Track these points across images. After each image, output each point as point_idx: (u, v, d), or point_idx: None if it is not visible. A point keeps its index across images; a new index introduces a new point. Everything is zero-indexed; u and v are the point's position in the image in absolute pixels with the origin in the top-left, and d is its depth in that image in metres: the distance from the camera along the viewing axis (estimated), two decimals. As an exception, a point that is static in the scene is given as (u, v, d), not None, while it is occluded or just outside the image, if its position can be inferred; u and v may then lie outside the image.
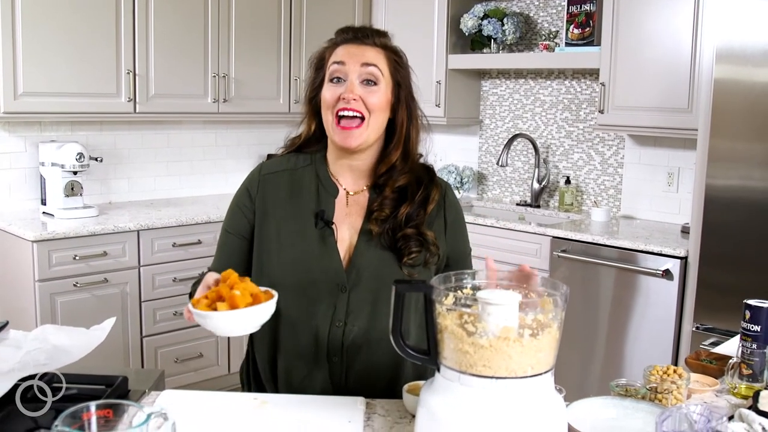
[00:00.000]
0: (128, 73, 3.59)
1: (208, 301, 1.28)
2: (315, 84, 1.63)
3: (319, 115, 1.61)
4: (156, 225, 3.47)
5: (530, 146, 4.26)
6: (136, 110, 3.66)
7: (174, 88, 3.78)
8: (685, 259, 3.09)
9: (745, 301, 1.58)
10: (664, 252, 3.14)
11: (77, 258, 3.22)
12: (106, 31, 3.50)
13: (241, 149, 4.50)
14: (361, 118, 1.54)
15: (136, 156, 4.05)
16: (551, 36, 4.08)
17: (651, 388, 1.45)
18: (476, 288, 1.17)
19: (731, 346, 1.75)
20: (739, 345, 1.58)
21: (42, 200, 3.59)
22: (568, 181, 4.11)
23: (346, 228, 1.60)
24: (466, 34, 4.21)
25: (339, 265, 1.57)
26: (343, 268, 1.57)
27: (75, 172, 3.51)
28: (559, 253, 3.44)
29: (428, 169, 1.68)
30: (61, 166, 3.47)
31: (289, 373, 1.60)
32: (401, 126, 1.61)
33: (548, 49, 3.97)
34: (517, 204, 4.28)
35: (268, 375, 1.64)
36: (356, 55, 1.56)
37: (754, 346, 1.55)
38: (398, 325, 1.16)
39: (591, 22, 3.75)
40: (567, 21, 3.86)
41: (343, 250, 1.59)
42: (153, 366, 3.50)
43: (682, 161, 3.70)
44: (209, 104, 3.94)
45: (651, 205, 3.85)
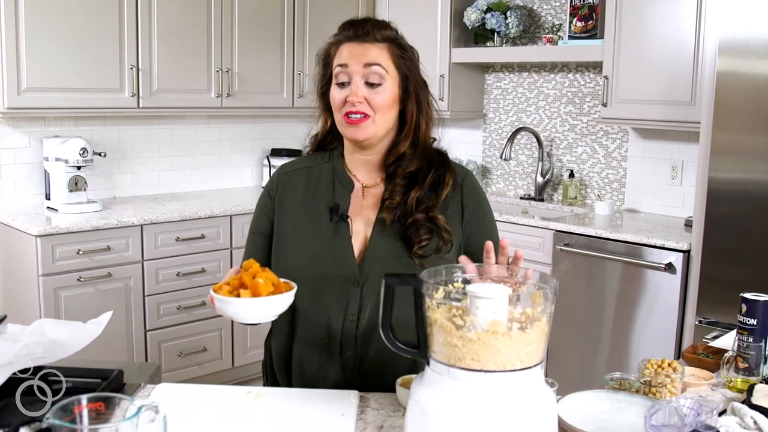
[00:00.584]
0: (132, 68, 3.60)
1: (230, 288, 1.31)
2: (325, 79, 1.63)
3: (332, 110, 1.62)
4: (159, 219, 3.48)
5: (534, 140, 4.25)
6: (140, 105, 3.67)
7: (177, 83, 3.79)
8: (687, 253, 3.08)
9: (741, 294, 1.58)
10: (666, 245, 3.13)
11: (81, 252, 3.24)
12: (110, 26, 3.51)
13: (245, 144, 4.51)
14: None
15: (140, 151, 4.06)
16: (554, 29, 4.07)
17: (645, 381, 1.45)
18: (467, 282, 1.17)
19: (728, 340, 1.75)
20: (736, 338, 1.57)
21: (46, 195, 3.61)
22: (571, 175, 4.10)
23: (362, 221, 1.61)
24: (470, 27, 4.19)
25: (352, 259, 1.57)
26: (355, 262, 1.57)
27: (79, 167, 3.53)
28: (561, 247, 3.43)
29: (441, 154, 1.67)
30: (65, 161, 3.48)
31: (302, 363, 1.61)
32: (411, 117, 1.61)
33: (551, 42, 3.96)
34: (521, 198, 4.28)
35: (281, 365, 1.64)
36: (358, 55, 1.55)
37: (751, 339, 1.55)
38: (388, 319, 1.16)
39: (594, 14, 3.74)
40: (570, 14, 3.84)
41: (358, 243, 1.59)
42: (156, 360, 3.51)
43: (686, 154, 3.69)
44: (213, 99, 3.95)
45: (655, 198, 3.84)
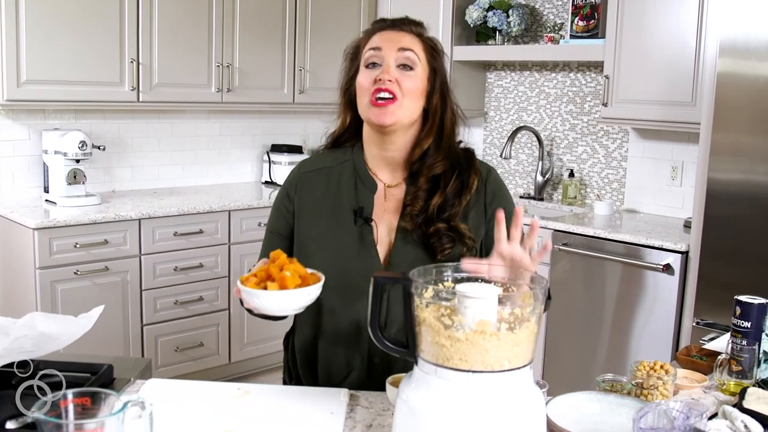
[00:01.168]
0: (132, 62, 3.59)
1: (257, 280, 1.30)
2: (350, 74, 1.60)
3: (354, 107, 1.58)
4: (157, 214, 3.47)
5: (534, 139, 4.24)
6: (140, 99, 3.67)
7: (178, 78, 3.78)
8: (686, 254, 3.07)
9: (735, 297, 1.57)
10: (665, 246, 3.12)
11: (78, 246, 3.24)
12: (110, 19, 3.51)
13: (245, 139, 4.50)
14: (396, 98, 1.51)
15: (140, 145, 4.05)
16: (556, 28, 4.05)
17: (637, 383, 1.44)
18: (457, 281, 1.17)
19: (722, 343, 1.74)
20: (729, 341, 1.57)
21: (45, 188, 3.60)
22: (571, 174, 4.09)
23: (385, 225, 1.57)
24: (471, 25, 4.18)
25: (378, 264, 1.54)
26: (381, 267, 1.53)
27: (78, 161, 3.52)
28: (560, 247, 3.42)
29: (468, 153, 1.64)
30: (64, 154, 3.48)
31: (329, 367, 1.58)
32: (434, 113, 1.58)
33: (553, 41, 3.94)
34: (521, 197, 4.27)
35: (303, 360, 1.61)
36: (393, 40, 1.53)
37: (744, 342, 1.54)
38: (376, 318, 1.16)
39: (596, 14, 3.72)
40: (572, 13, 3.83)
41: (382, 247, 1.56)
42: (153, 355, 3.51)
43: (686, 155, 3.67)
44: (213, 94, 3.94)
45: (654, 198, 3.83)
